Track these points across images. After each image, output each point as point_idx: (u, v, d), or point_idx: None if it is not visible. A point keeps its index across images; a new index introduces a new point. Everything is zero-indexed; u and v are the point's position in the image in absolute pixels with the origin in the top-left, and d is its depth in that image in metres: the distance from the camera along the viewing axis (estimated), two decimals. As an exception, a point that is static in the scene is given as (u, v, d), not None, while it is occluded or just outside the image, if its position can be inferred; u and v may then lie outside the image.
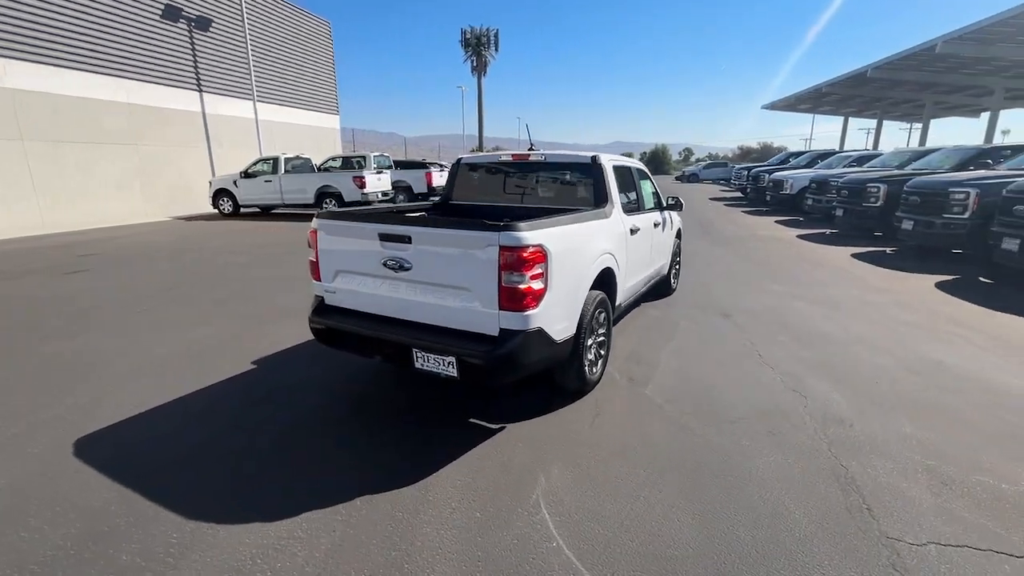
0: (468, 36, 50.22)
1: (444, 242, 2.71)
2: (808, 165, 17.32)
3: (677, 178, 40.87)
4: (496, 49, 51.45)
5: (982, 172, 8.79)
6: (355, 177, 13.62)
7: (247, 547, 2.07)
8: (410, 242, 2.79)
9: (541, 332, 2.70)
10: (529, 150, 4.26)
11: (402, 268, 2.84)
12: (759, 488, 2.45)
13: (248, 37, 17.38)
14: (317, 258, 3.23)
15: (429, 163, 19.26)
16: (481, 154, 4.63)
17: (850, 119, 34.51)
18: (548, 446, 2.83)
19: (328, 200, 13.92)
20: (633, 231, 4.01)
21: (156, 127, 14.76)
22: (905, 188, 9.22)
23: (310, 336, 4.52)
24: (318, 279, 3.29)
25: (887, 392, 3.48)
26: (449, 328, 2.81)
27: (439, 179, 17.00)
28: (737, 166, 26.40)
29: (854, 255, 8.94)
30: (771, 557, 2.01)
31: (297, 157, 14.62)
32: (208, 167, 16.55)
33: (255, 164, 14.54)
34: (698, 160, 69.07)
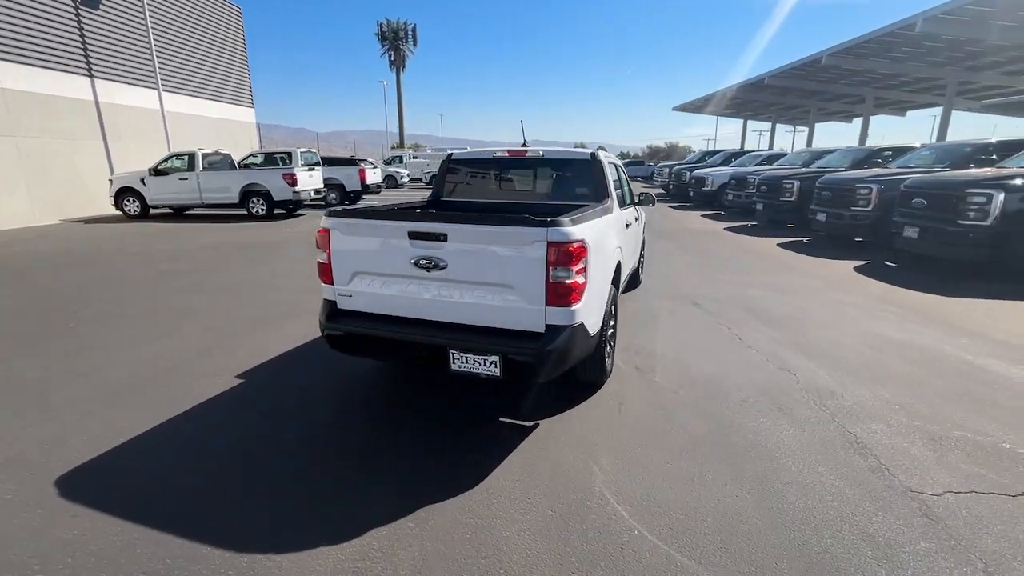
0: (385, 30, 48.69)
1: (486, 239, 2.65)
2: (723, 163, 18.79)
3: (598, 176, 42.58)
4: (415, 44, 50.39)
5: (877, 170, 10.07)
6: (286, 174, 12.75)
7: (321, 574, 1.91)
8: (445, 240, 2.69)
9: (582, 326, 2.73)
10: (522, 146, 4.26)
11: (436, 267, 2.74)
12: (791, 459, 2.67)
13: (149, 17, 15.58)
14: (330, 260, 3.02)
15: (359, 159, 18.47)
16: (471, 151, 4.58)
17: (749, 122, 37.91)
18: (588, 438, 2.87)
19: (256, 200, 12.91)
20: (627, 225, 4.15)
21: (38, 117, 12.80)
22: (817, 184, 10.33)
23: (294, 344, 4.28)
24: (329, 282, 3.07)
25: (858, 365, 3.91)
26: (488, 327, 2.75)
27: (373, 176, 16.36)
28: (658, 164, 28.03)
29: (779, 245, 9.86)
30: (829, 519, 2.21)
31: (216, 153, 13.39)
32: (106, 163, 14.65)
33: (166, 160, 13.11)
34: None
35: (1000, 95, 24.87)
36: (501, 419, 3.11)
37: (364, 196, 17.64)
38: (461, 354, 2.71)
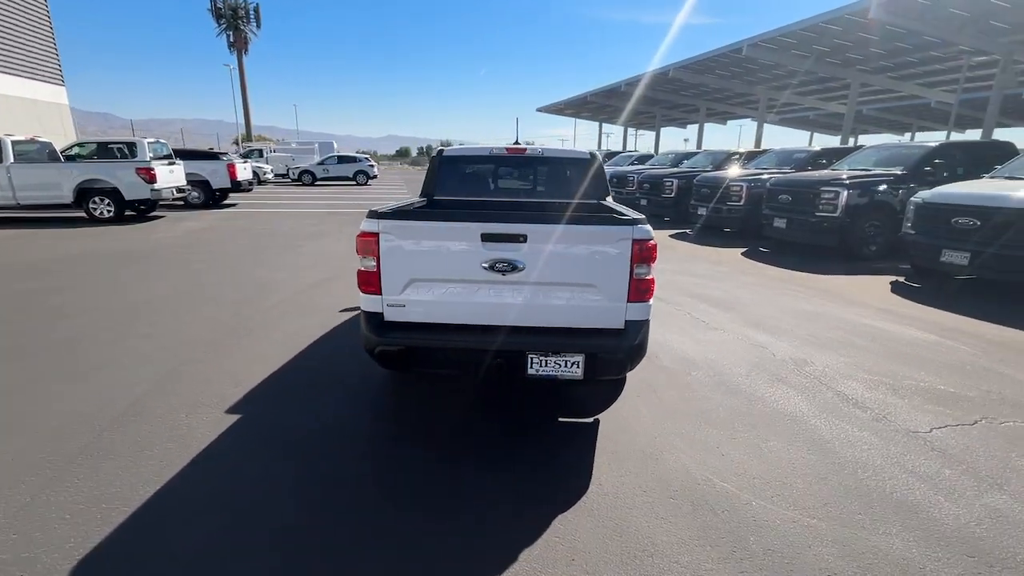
0: (221, 6, 43.06)
1: (570, 239, 2.62)
2: (598, 163, 20.38)
3: (470, 173, 43.03)
4: (258, 25, 45.45)
5: (740, 170, 11.86)
6: (141, 169, 10.67)
7: (508, 606, 1.77)
8: (525, 241, 2.60)
9: (648, 320, 2.86)
10: (515, 144, 4.22)
11: (513, 270, 2.63)
12: (815, 419, 3.13)
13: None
14: (379, 267, 2.70)
15: (220, 152, 16.17)
16: (463, 147, 4.36)
17: (603, 125, 41.53)
18: (650, 427, 3.02)
19: (99, 200, 10.61)
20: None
21: None
22: (696, 182, 11.83)
23: (273, 368, 3.71)
24: (376, 292, 2.75)
25: (804, 335, 4.66)
26: (567, 327, 2.73)
27: (244, 172, 14.50)
28: None
29: (671, 236, 11.09)
30: (877, 463, 2.66)
31: (32, 140, 10.67)
32: None
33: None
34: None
35: (792, 111, 30.78)
36: (560, 419, 3.12)
37: (230, 194, 15.52)
38: (541, 357, 2.66)
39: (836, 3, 14.82)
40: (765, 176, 10.38)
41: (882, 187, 8.19)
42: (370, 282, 2.75)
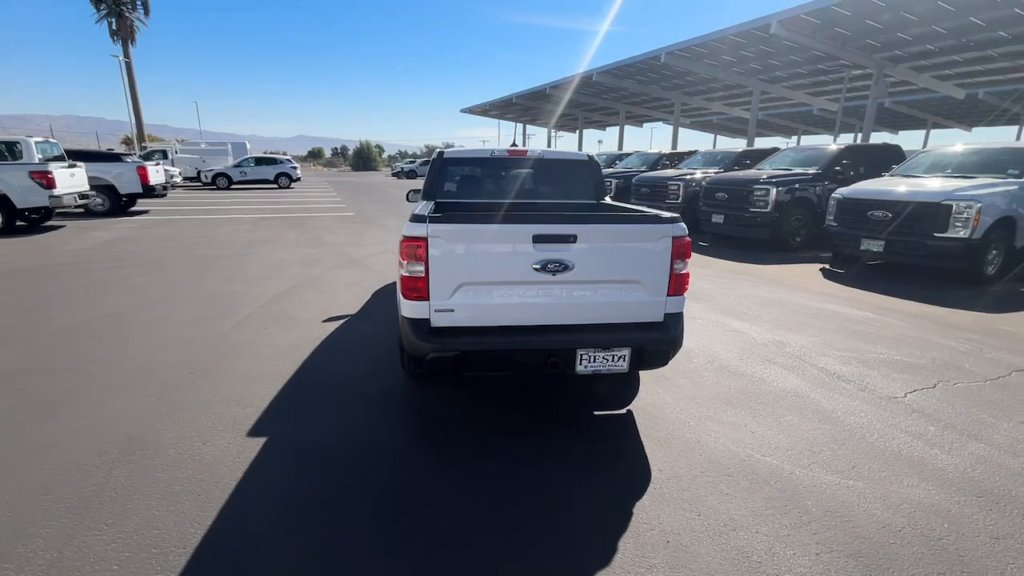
0: (101, -12, 38.46)
1: (617, 238, 2.73)
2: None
3: (395, 174, 41.90)
4: (146, 12, 41.12)
5: (673, 170, 12.67)
6: (36, 172, 9.31)
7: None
8: (575, 241, 2.67)
9: (683, 313, 3.04)
10: (512, 146, 4.25)
11: (564, 269, 2.69)
12: (814, 393, 3.49)
13: None
14: (428, 272, 2.64)
15: (122, 154, 14.48)
16: (463, 149, 4.29)
17: (527, 126, 42.32)
18: (678, 414, 3.21)
19: (-15, 208, 9.12)
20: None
21: None
22: (635, 181, 12.48)
23: (277, 386, 3.51)
24: (423, 298, 2.68)
25: (771, 320, 5.14)
26: (613, 323, 2.84)
27: (156, 175, 13.13)
28: None
29: (616, 234, 11.61)
30: (880, 427, 3.04)
31: None
32: None
33: None
34: (390, 156, 72.56)
35: (701, 115, 33.24)
36: (596, 412, 3.22)
37: (138, 199, 13.96)
38: (591, 353, 2.75)
39: (740, 18, 16.29)
40: (700, 175, 11.20)
41: (803, 185, 9.17)
42: (416, 288, 2.67)
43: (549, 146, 40.49)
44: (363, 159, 60.05)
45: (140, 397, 3.31)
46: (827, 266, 7.96)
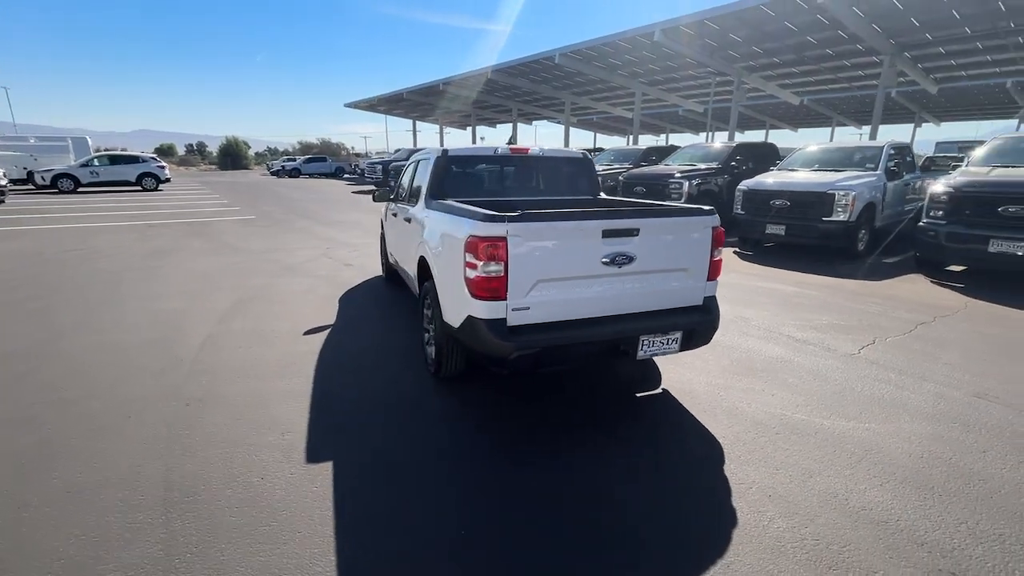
0: None
1: (670, 230, 2.95)
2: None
3: (273, 173, 38.42)
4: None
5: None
6: None
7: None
8: (637, 234, 2.84)
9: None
10: (509, 142, 4.27)
11: (628, 261, 2.85)
12: (796, 357, 4.07)
13: None
14: (507, 271, 2.63)
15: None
16: (468, 147, 4.18)
17: (416, 122, 41.47)
18: (704, 386, 3.56)
19: None
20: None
21: None
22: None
23: (304, 404, 3.27)
24: (501, 297, 2.67)
25: (724, 299, 5.79)
26: (665, 309, 3.07)
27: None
28: (368, 160, 27.76)
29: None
30: (850, 378, 3.66)
31: None
32: None
33: None
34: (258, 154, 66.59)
35: (586, 114, 35.29)
36: (637, 395, 3.44)
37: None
38: (650, 339, 2.96)
39: (623, 26, 17.72)
40: (617, 168, 12.03)
41: (708, 178, 10.33)
42: (493, 288, 2.66)
43: (443, 143, 40.16)
44: (231, 157, 54.12)
45: (145, 439, 2.82)
46: (736, 249, 9.09)
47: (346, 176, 35.42)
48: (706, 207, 3.10)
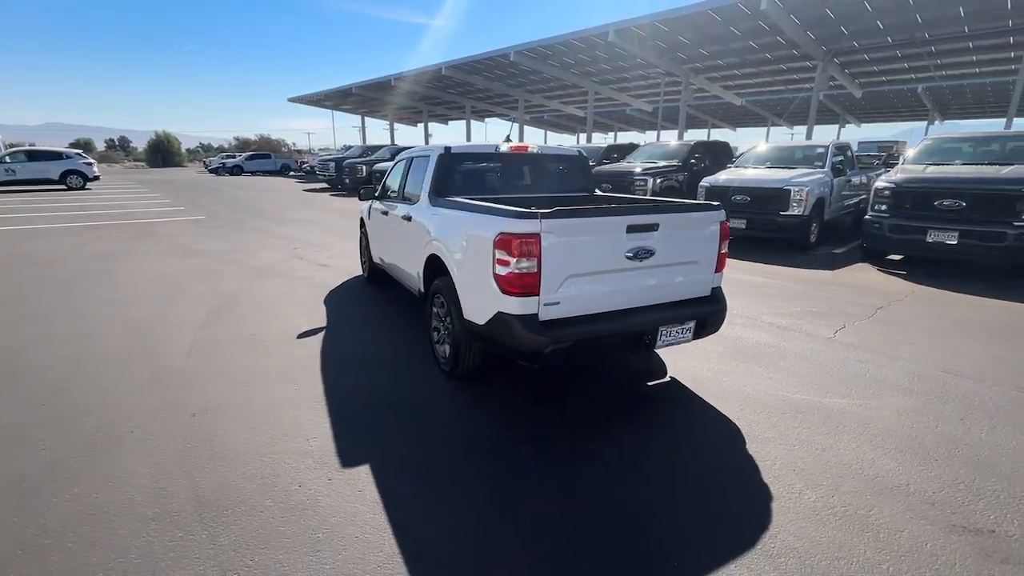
0: None
1: (685, 224, 3.09)
2: (392, 157, 20.13)
3: (212, 170, 36.24)
4: None
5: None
6: None
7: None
8: (657, 229, 2.96)
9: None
10: (507, 140, 4.30)
11: (649, 255, 2.96)
12: (782, 342, 4.36)
13: None
14: (540, 267, 2.67)
15: None
16: (470, 144, 4.14)
17: (365, 118, 40.39)
18: (708, 373, 3.76)
19: None
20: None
21: None
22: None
23: (321, 405, 3.24)
24: (533, 293, 2.71)
25: (702, 290, 6.10)
26: (678, 300, 3.21)
27: None
28: (319, 157, 26.69)
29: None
30: (832, 358, 3.98)
31: None
32: None
33: None
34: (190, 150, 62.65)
35: (539, 112, 35.59)
36: (648, 383, 3.58)
37: None
38: (668, 329, 3.10)
39: (571, 25, 18.11)
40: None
41: (670, 175, 10.75)
42: (526, 284, 2.70)
43: (393, 139, 39.36)
44: (162, 154, 50.44)
45: (157, 453, 2.65)
46: (700, 243, 9.52)
47: (292, 174, 34.02)
48: (714, 203, 3.28)
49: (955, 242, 6.63)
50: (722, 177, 9.35)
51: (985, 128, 16.04)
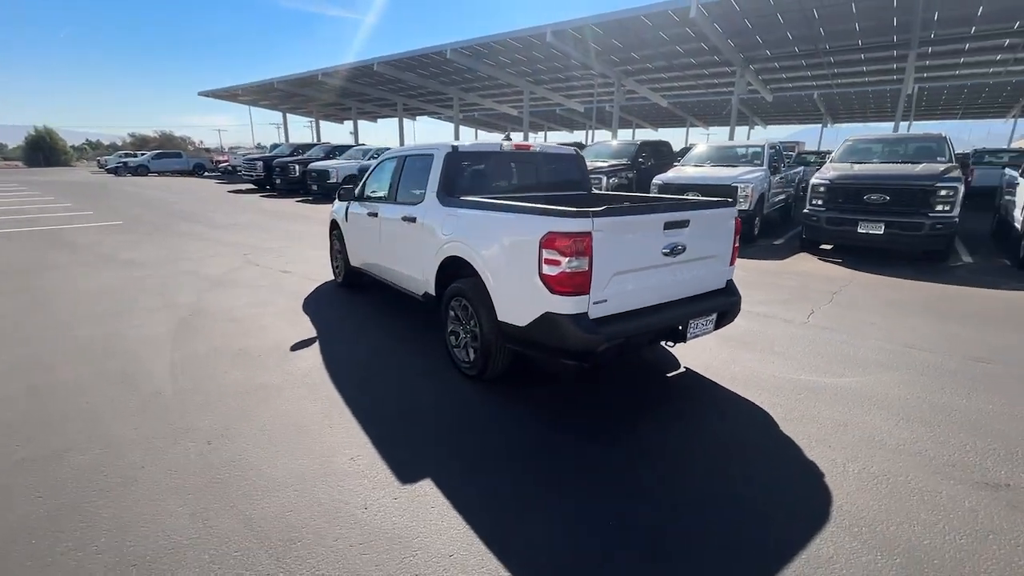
0: None
1: (709, 220, 3.22)
2: (327, 156, 19.19)
3: (111, 170, 32.53)
4: None
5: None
6: None
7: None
8: (687, 226, 3.07)
9: None
10: (506, 139, 4.24)
11: (681, 251, 3.07)
12: (767, 329, 4.69)
13: None
14: (591, 266, 2.67)
15: None
16: (476, 143, 4.00)
17: (287, 115, 38.14)
18: (716, 361, 3.96)
19: None
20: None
21: None
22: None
23: (351, 417, 3.02)
24: (584, 292, 2.72)
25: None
26: (701, 293, 3.35)
27: None
28: (245, 156, 24.70)
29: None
30: (813, 340, 4.34)
31: None
32: None
33: None
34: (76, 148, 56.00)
35: (472, 110, 35.43)
36: (668, 375, 3.71)
37: None
38: (695, 321, 3.23)
39: (509, 26, 18.25)
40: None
41: (622, 173, 11.15)
42: (577, 283, 2.70)
43: (318, 138, 37.55)
44: (44, 152, 44.39)
45: (183, 490, 2.36)
46: (654, 238, 9.97)
47: (207, 174, 31.40)
48: (729, 200, 3.46)
49: (882, 232, 7.45)
50: (672, 175, 9.84)
51: (872, 131, 18.18)
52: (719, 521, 2.20)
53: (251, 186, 21.43)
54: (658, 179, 9.84)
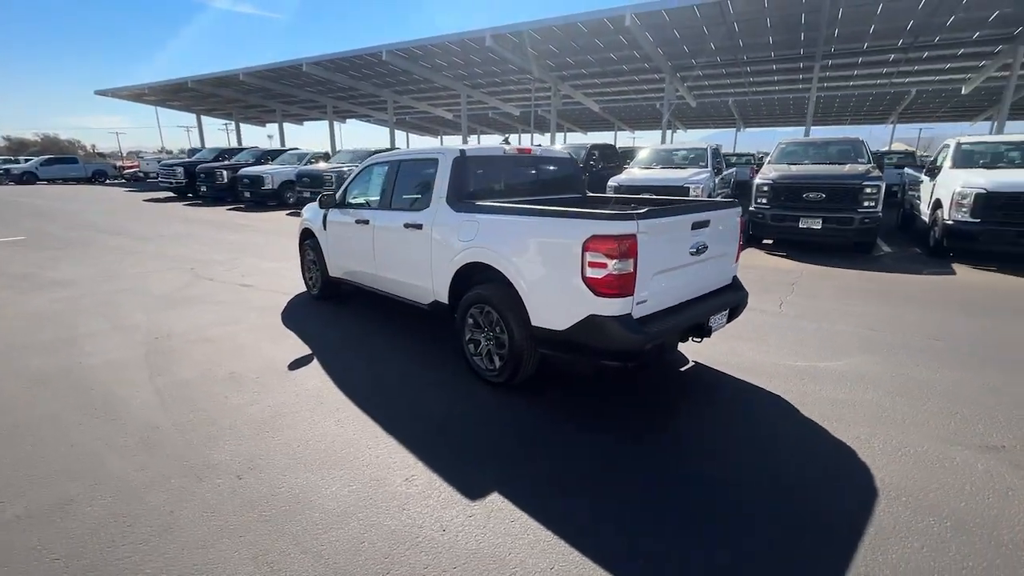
0: None
1: (723, 220, 3.38)
2: (258, 161, 18.04)
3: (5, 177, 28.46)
4: None
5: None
6: None
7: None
8: (708, 225, 3.21)
9: None
10: (505, 142, 4.20)
11: (705, 250, 3.20)
12: (754, 320, 4.98)
13: None
14: (636, 268, 2.72)
15: None
16: (482, 147, 3.87)
17: (202, 117, 35.38)
18: (718, 353, 4.16)
19: None
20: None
21: None
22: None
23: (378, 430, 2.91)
24: (629, 293, 2.76)
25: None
26: (715, 289, 3.51)
27: None
28: (163, 161, 22.40)
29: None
30: (792, 328, 4.70)
31: None
32: None
33: None
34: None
35: (406, 113, 34.70)
36: (680, 369, 3.84)
37: None
38: (714, 317, 3.38)
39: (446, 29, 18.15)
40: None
41: (575, 176, 11.39)
42: (623, 284, 2.74)
43: (240, 140, 35.24)
44: None
45: (230, 534, 2.12)
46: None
47: (109, 181, 28.41)
48: (735, 200, 3.65)
49: (820, 227, 8.19)
50: (625, 177, 10.21)
51: (779, 135, 19.98)
52: (791, 502, 2.32)
53: (170, 194, 19.65)
54: (613, 181, 10.16)
